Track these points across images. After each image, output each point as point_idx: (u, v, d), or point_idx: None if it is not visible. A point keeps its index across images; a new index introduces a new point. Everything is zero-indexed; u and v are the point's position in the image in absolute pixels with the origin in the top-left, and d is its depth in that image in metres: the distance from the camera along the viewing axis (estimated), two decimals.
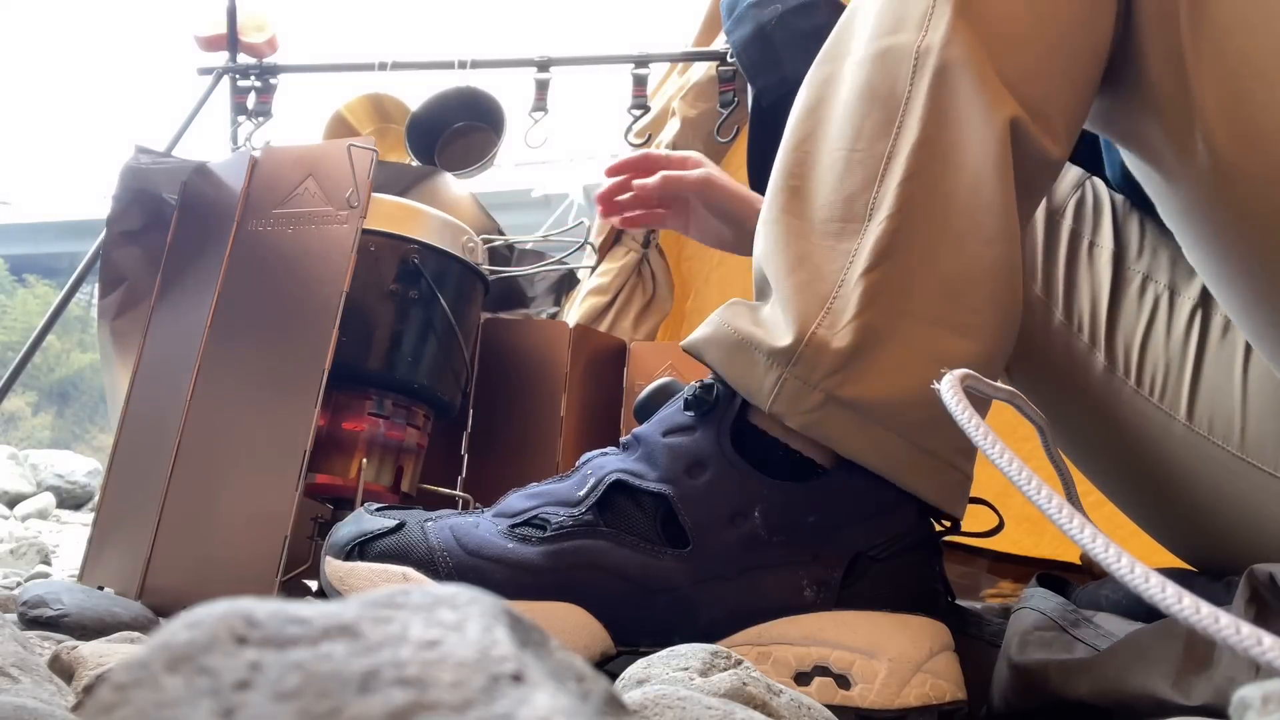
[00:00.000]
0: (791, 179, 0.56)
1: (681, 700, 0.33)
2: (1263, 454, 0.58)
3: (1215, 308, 0.62)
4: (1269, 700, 0.21)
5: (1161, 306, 0.64)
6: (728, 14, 1.19)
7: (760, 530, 0.52)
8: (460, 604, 0.17)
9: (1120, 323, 0.65)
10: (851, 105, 0.55)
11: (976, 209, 0.52)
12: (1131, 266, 0.65)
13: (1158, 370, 0.62)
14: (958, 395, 0.41)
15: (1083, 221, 0.68)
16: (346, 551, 0.55)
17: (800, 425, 0.52)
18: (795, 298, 0.53)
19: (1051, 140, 0.53)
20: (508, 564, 0.52)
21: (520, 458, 1.02)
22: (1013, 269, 0.53)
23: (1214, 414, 0.60)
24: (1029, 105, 0.52)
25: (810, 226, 0.55)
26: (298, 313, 0.82)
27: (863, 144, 0.54)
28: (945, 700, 0.49)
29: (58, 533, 2.60)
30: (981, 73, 0.52)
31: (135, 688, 0.15)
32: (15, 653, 0.38)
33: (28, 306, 9.47)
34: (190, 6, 1.73)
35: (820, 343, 0.51)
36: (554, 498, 0.55)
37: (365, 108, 1.69)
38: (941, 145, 0.52)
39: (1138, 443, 0.64)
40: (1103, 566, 0.30)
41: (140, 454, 0.84)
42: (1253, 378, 0.59)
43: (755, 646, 0.51)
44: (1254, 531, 0.59)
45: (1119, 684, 0.44)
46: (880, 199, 0.53)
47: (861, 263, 0.52)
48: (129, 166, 1.01)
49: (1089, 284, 0.66)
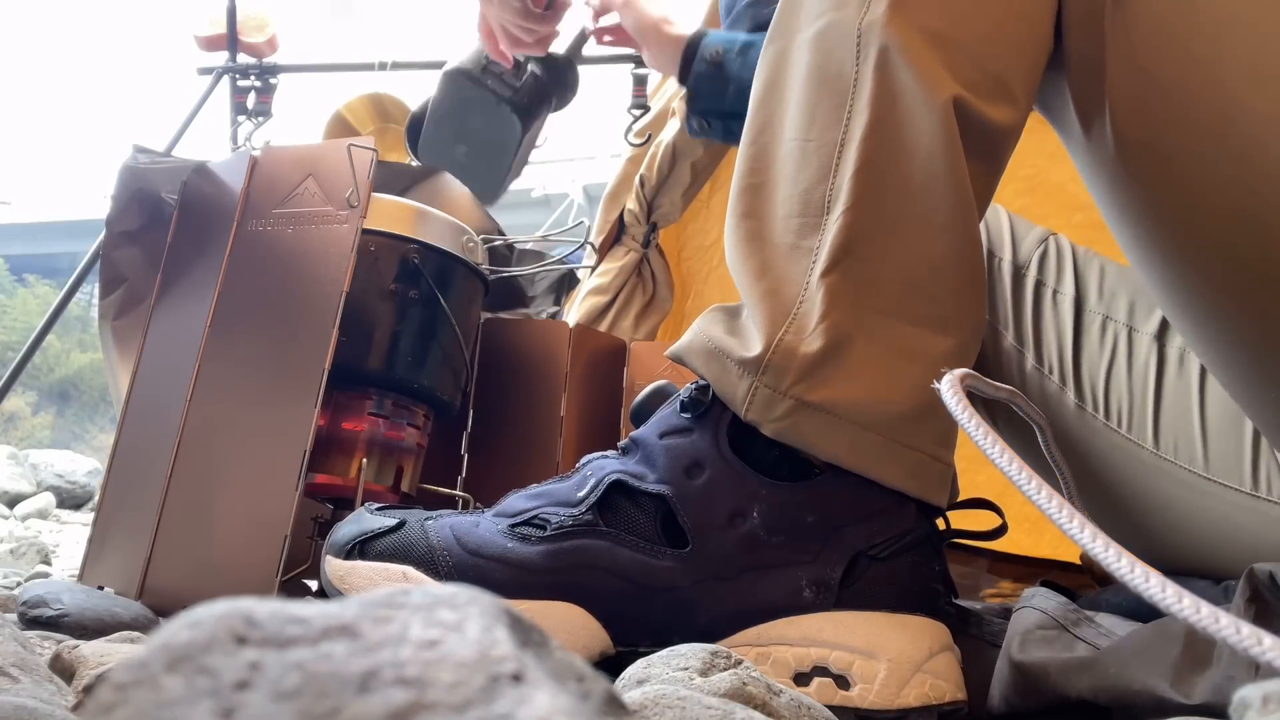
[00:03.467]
0: (751, 176, 0.56)
1: (681, 700, 0.33)
2: (1226, 472, 0.61)
3: (1170, 339, 0.66)
4: (1269, 700, 0.21)
5: (1121, 343, 0.68)
6: (726, 13, 1.19)
7: (759, 530, 0.52)
8: (460, 604, 0.17)
9: (1085, 361, 0.69)
10: (803, 89, 0.55)
11: (932, 195, 0.52)
12: (1092, 309, 0.70)
13: (1122, 402, 0.66)
14: (958, 395, 0.41)
15: (1046, 273, 0.73)
16: (347, 551, 0.55)
17: (774, 432, 0.52)
18: (761, 306, 0.53)
19: (1009, 105, 0.53)
20: (508, 563, 0.52)
21: (520, 458, 1.02)
22: (973, 254, 0.54)
23: (1178, 439, 0.63)
24: (984, 71, 0.52)
25: (772, 227, 0.55)
26: (297, 313, 0.82)
27: (816, 132, 0.54)
28: (945, 701, 0.49)
29: (58, 533, 2.60)
30: (917, 56, 0.51)
31: (135, 688, 0.15)
32: (15, 653, 0.38)
33: (28, 306, 9.46)
34: (190, 6, 1.73)
35: (788, 350, 0.52)
36: (554, 498, 0.55)
37: (365, 108, 1.69)
38: (891, 130, 0.52)
39: (1113, 473, 0.66)
40: (1103, 566, 0.30)
41: (140, 454, 0.84)
42: (1209, 401, 0.63)
43: (754, 647, 0.51)
44: (1229, 546, 0.61)
45: (1119, 683, 0.44)
46: (836, 191, 0.52)
47: (822, 262, 0.52)
48: (127, 166, 1.01)
49: (1055, 328, 0.71)
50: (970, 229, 0.53)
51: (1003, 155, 0.57)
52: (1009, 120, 0.54)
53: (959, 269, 0.53)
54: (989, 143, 0.54)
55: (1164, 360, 0.66)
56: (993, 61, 0.53)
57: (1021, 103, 0.54)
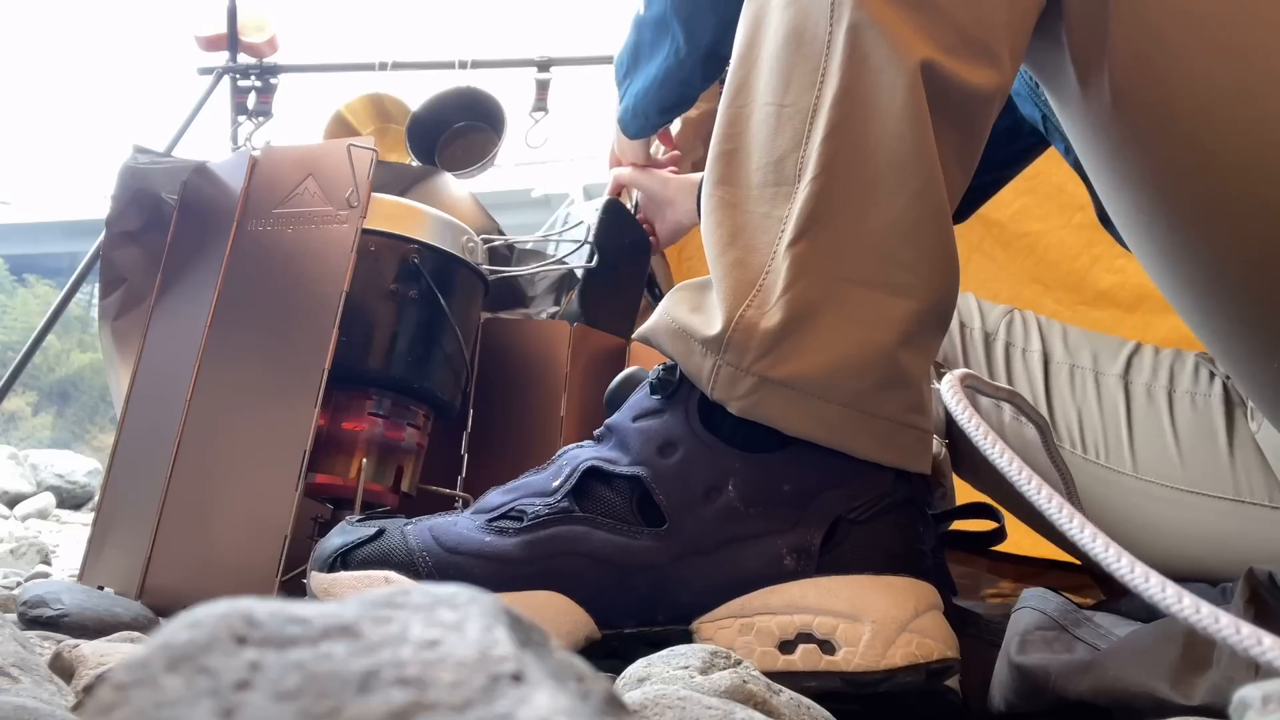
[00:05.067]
0: (727, 142, 0.55)
1: (681, 700, 0.33)
2: (1207, 483, 0.63)
3: (1136, 377, 0.71)
4: (1269, 700, 0.21)
5: (1089, 385, 0.73)
6: None
7: (736, 503, 0.51)
8: (460, 604, 0.17)
9: (1057, 406, 0.74)
10: (779, 52, 0.53)
11: (900, 162, 0.50)
12: (1059, 361, 0.77)
13: (1098, 437, 0.71)
14: (958, 395, 0.41)
15: (1014, 335, 0.80)
16: (329, 564, 0.55)
17: (739, 410, 0.51)
18: (726, 279, 0.52)
19: (991, 67, 0.52)
20: (486, 557, 0.52)
21: (520, 458, 1.02)
22: (942, 221, 0.52)
23: (1156, 460, 0.66)
24: (961, 33, 0.51)
25: (747, 194, 0.54)
26: (297, 313, 0.82)
27: (791, 96, 0.52)
28: (933, 659, 0.48)
29: (58, 533, 2.60)
30: (888, 17, 0.50)
31: (135, 688, 0.15)
32: (15, 653, 0.38)
33: (28, 306, 9.48)
34: (190, 6, 1.73)
35: (748, 326, 0.51)
36: (530, 490, 0.55)
37: (365, 108, 1.69)
38: (860, 95, 0.51)
39: (1099, 503, 0.68)
40: (1103, 566, 0.30)
41: (140, 454, 0.84)
42: (1179, 421, 0.66)
43: (738, 619, 0.50)
44: (1222, 553, 0.62)
45: (1119, 683, 0.44)
46: (806, 158, 0.51)
47: (790, 232, 0.51)
48: (127, 167, 1.01)
49: (1026, 381, 0.77)
50: (939, 196, 0.51)
51: (982, 121, 0.54)
52: (989, 83, 0.52)
53: (929, 235, 0.52)
54: (966, 108, 0.52)
55: (1131, 396, 0.70)
56: (973, 22, 0.51)
57: (1007, 64, 0.52)
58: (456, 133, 1.64)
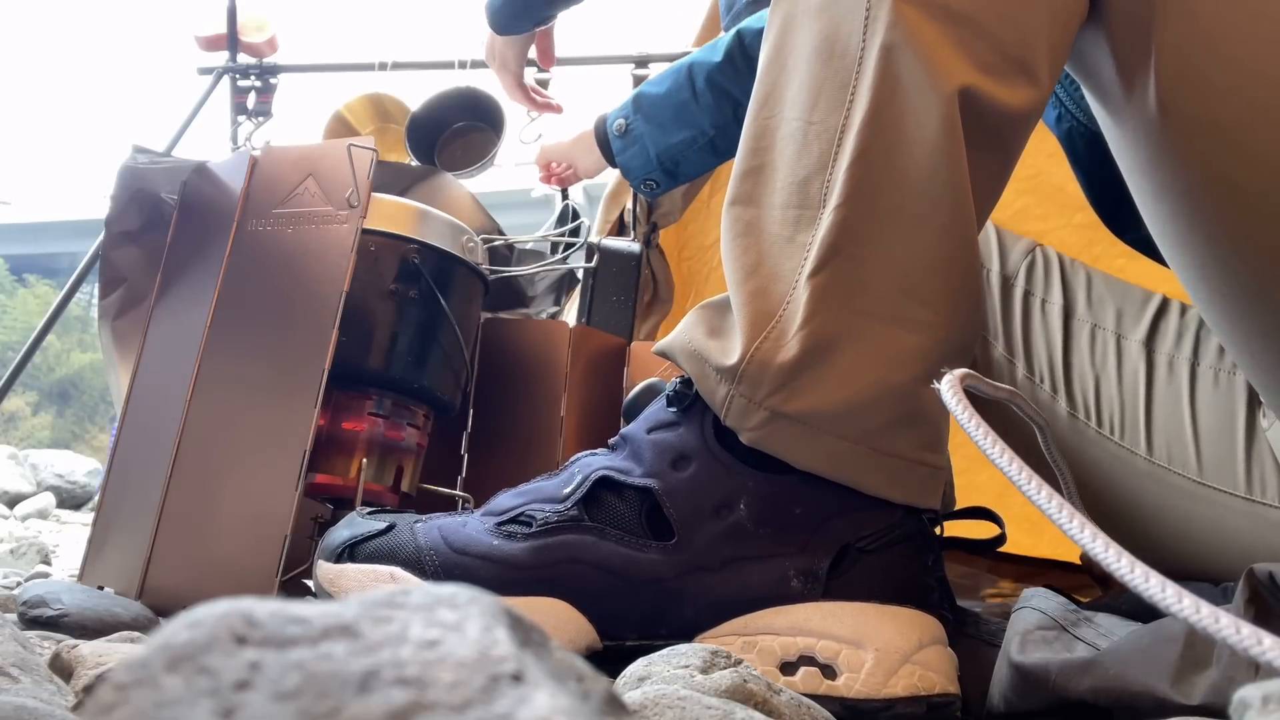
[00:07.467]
0: (754, 158, 0.54)
1: (681, 700, 0.33)
2: (1221, 477, 0.61)
3: (1159, 345, 0.66)
4: (1269, 700, 0.21)
5: (1110, 350, 0.68)
6: (726, 11, 1.20)
7: (746, 522, 0.51)
8: (460, 604, 0.17)
9: (1075, 369, 0.69)
10: (808, 64, 0.51)
11: (930, 192, 0.49)
12: (1080, 317, 0.71)
13: (1114, 411, 0.66)
14: (958, 395, 0.41)
15: (1034, 283, 0.74)
16: (338, 555, 0.55)
17: (750, 441, 0.51)
18: (746, 308, 0.52)
19: (1029, 85, 0.50)
20: (493, 560, 0.52)
21: (520, 458, 1.02)
22: (969, 257, 0.51)
23: (1171, 446, 0.63)
24: (1003, 52, 0.49)
25: (770, 215, 0.52)
26: (297, 313, 0.82)
27: (819, 114, 0.51)
28: (934, 692, 0.48)
29: (58, 533, 2.60)
30: (927, 37, 0.48)
31: (135, 687, 0.15)
32: (15, 653, 0.38)
33: (28, 306, 9.48)
34: (190, 6, 1.74)
35: (764, 359, 0.50)
36: (540, 495, 0.55)
37: (365, 108, 1.69)
38: (891, 120, 0.49)
39: (1108, 482, 0.66)
40: (1103, 566, 0.30)
41: (140, 454, 0.84)
42: (1200, 407, 0.63)
43: (741, 636, 0.50)
44: (1226, 550, 0.61)
45: (1119, 683, 0.44)
46: (832, 183, 0.50)
47: (812, 261, 0.50)
48: (126, 167, 1.01)
49: (1044, 338, 0.71)
50: (968, 229, 0.50)
51: (1017, 142, 0.53)
52: (1027, 102, 0.50)
53: (954, 271, 0.51)
54: (1001, 131, 0.51)
55: (1153, 366, 0.66)
56: (1015, 40, 0.49)
57: (1045, 81, 0.50)
58: (456, 133, 1.64)
